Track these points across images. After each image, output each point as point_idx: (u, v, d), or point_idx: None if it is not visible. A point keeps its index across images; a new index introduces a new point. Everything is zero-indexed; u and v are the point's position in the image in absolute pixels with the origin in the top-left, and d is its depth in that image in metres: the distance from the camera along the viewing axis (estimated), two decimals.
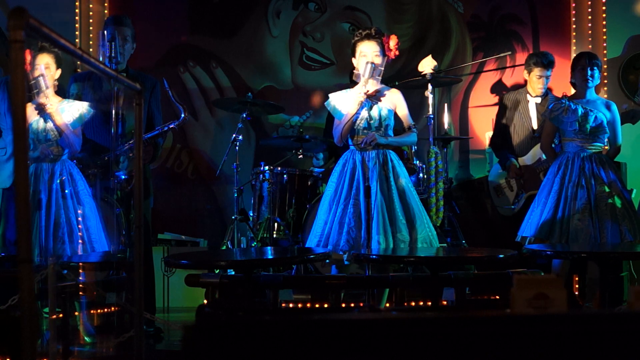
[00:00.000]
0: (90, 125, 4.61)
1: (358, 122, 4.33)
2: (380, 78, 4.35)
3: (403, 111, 4.42)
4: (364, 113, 4.31)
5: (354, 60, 4.36)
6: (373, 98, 4.32)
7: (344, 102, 4.37)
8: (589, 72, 4.73)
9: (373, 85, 4.32)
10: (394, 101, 4.39)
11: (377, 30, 4.35)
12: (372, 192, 4.20)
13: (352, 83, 4.51)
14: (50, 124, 4.35)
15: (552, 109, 4.79)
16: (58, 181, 4.30)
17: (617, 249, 4.42)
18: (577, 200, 4.58)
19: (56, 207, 4.25)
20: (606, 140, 4.77)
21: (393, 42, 4.34)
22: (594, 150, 4.70)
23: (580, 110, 4.69)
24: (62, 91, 4.58)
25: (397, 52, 4.37)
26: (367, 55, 4.29)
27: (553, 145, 5.03)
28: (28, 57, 4.26)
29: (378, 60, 4.28)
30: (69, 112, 4.38)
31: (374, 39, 4.30)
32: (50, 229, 4.20)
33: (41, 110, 4.34)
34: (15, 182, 1.72)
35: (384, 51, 4.32)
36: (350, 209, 4.20)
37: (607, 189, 4.59)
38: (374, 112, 4.33)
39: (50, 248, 4.17)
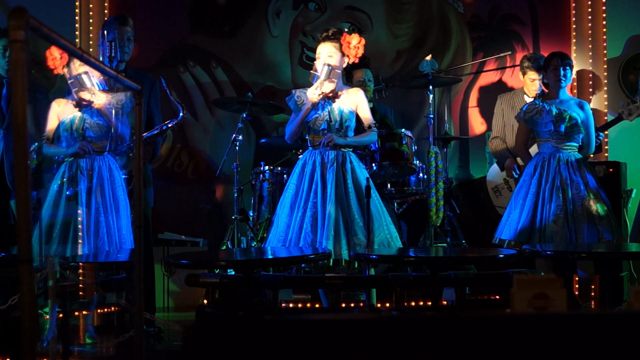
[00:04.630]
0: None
1: (317, 122, 4.39)
2: (336, 80, 4.39)
3: (363, 110, 4.45)
4: (324, 114, 4.36)
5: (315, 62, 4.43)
6: (331, 98, 4.37)
7: (304, 100, 4.43)
8: (562, 72, 4.72)
9: (329, 86, 4.37)
10: (355, 101, 4.43)
11: (335, 31, 4.40)
12: (327, 195, 4.22)
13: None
14: (91, 121, 4.33)
15: (526, 110, 4.77)
16: (96, 178, 4.27)
17: (616, 249, 4.41)
18: (552, 203, 4.56)
19: (96, 205, 4.23)
20: (580, 139, 4.75)
21: (355, 40, 4.37)
22: (569, 150, 4.68)
23: (554, 111, 4.68)
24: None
25: (360, 51, 4.38)
26: (321, 56, 4.37)
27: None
28: (66, 57, 4.23)
29: (332, 61, 4.36)
30: (113, 104, 4.35)
31: (329, 40, 4.38)
32: (91, 227, 4.19)
33: (85, 106, 4.32)
34: (15, 183, 1.72)
35: (342, 51, 4.35)
36: (309, 212, 4.23)
37: (592, 195, 4.57)
38: (335, 113, 4.37)
39: (93, 246, 4.16)
